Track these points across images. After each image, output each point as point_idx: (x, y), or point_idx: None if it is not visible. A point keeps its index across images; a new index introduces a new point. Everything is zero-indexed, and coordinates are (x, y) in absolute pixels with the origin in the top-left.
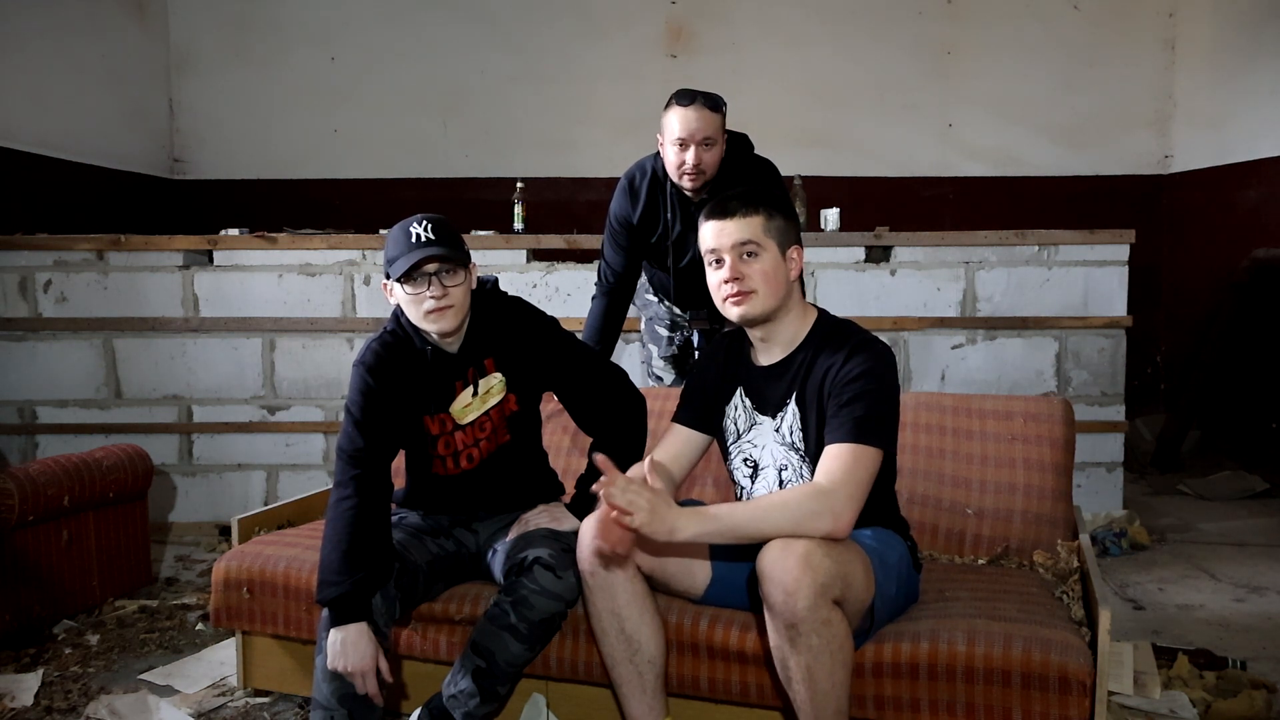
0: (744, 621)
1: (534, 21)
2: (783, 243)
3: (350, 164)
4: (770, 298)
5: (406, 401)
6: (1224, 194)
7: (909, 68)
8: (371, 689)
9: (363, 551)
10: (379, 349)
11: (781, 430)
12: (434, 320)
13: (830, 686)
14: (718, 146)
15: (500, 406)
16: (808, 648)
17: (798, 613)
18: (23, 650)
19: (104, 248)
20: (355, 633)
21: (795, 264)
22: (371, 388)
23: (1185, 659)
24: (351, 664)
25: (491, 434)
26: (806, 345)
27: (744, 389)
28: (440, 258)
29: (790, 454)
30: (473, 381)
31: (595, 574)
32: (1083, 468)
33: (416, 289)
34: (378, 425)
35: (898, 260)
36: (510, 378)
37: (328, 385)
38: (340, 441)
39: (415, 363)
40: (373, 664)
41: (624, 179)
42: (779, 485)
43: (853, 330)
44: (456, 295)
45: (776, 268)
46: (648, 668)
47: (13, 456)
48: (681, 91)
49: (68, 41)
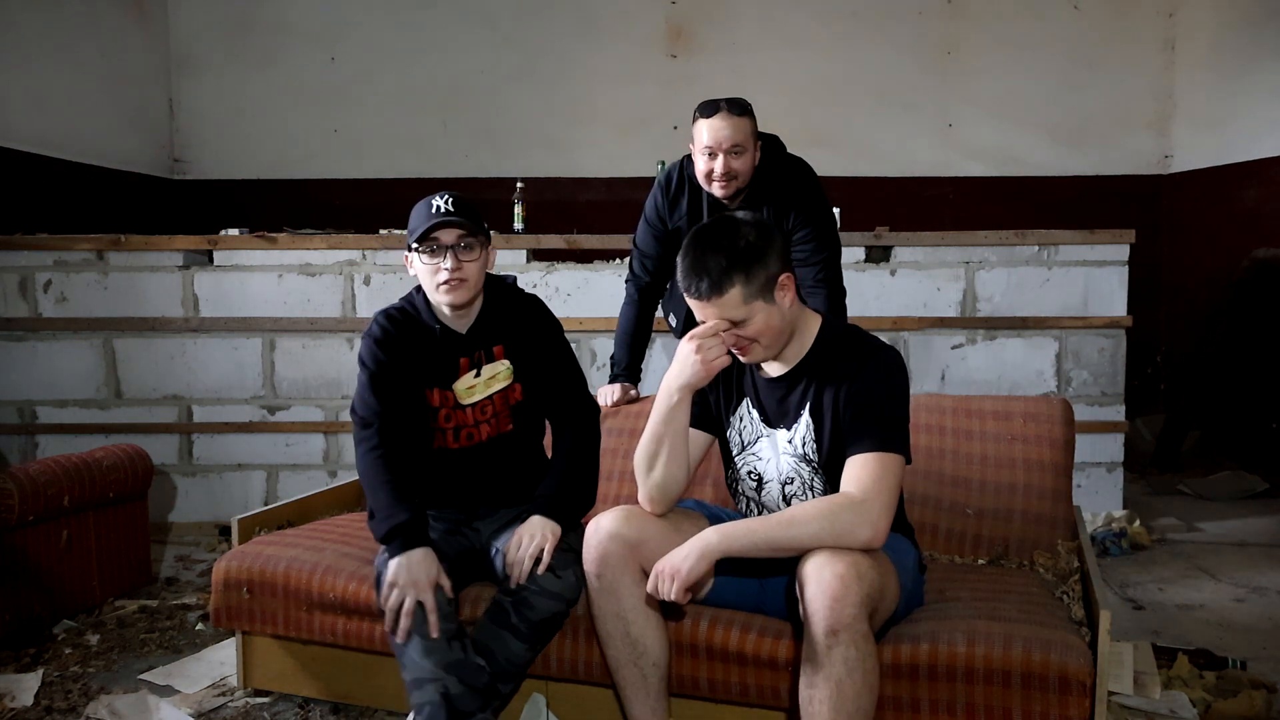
0: (745, 622)
1: (534, 21)
2: (767, 291)
3: (350, 164)
4: (773, 346)
5: (411, 373)
6: (1224, 194)
7: (909, 68)
8: (430, 603)
9: (407, 485)
10: (385, 323)
11: (794, 442)
12: (446, 292)
13: (855, 709)
14: (748, 153)
15: (505, 393)
16: (843, 659)
17: (842, 619)
18: (23, 650)
19: (104, 248)
20: (420, 554)
21: (787, 293)
22: (379, 357)
23: (1185, 659)
24: (416, 577)
25: (494, 419)
26: (814, 354)
27: (751, 400)
28: (458, 226)
29: (800, 465)
30: (478, 364)
31: (601, 577)
32: (1083, 468)
33: (433, 259)
34: (389, 388)
35: (898, 260)
36: (519, 367)
37: (328, 385)
38: (355, 405)
39: (422, 337)
40: (434, 580)
41: (660, 178)
42: (783, 498)
43: (860, 338)
44: (471, 270)
45: (769, 320)
46: (652, 670)
47: (13, 456)
48: (706, 102)
49: (68, 41)
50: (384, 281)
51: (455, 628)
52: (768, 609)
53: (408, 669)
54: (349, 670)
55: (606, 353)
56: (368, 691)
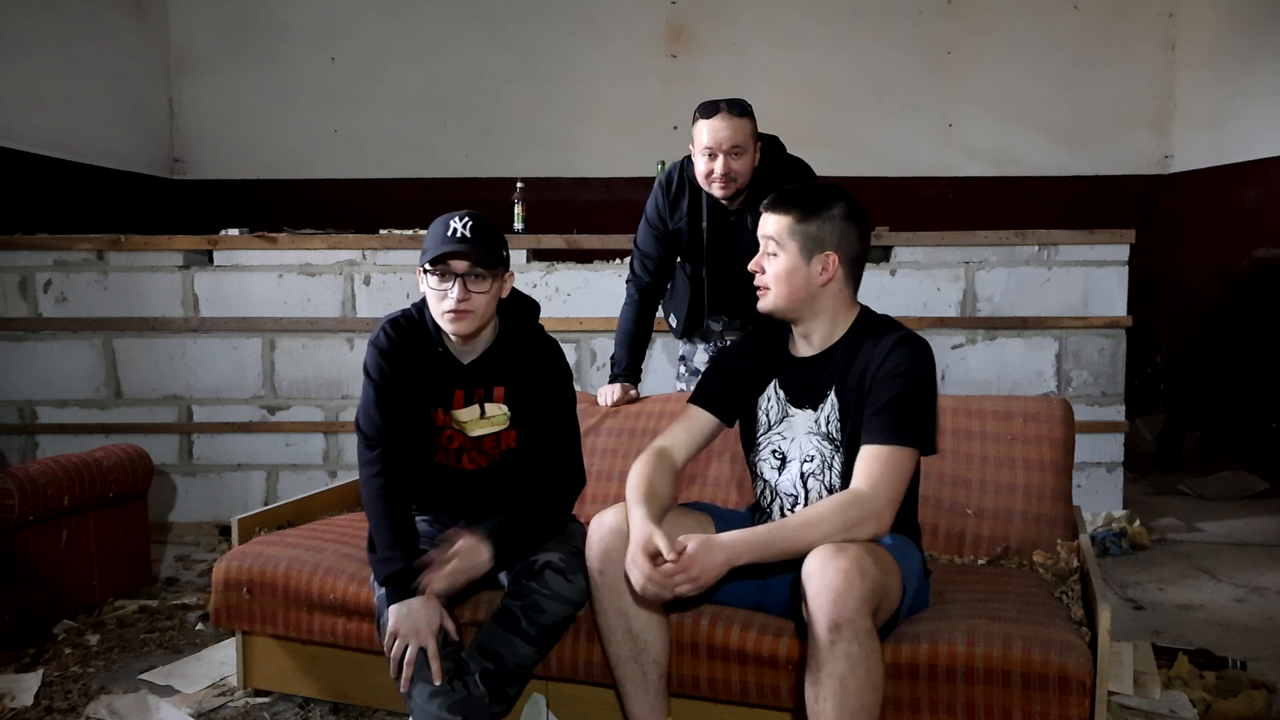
0: (744, 621)
1: (534, 21)
2: (808, 247)
3: (350, 164)
4: (779, 298)
5: (415, 387)
6: (1224, 194)
7: (909, 68)
8: (432, 650)
9: (407, 522)
10: (391, 332)
11: (819, 421)
12: (451, 321)
13: (859, 705)
14: (748, 154)
15: (498, 438)
16: (845, 654)
17: (845, 614)
18: (23, 650)
19: (104, 248)
20: (419, 601)
21: (825, 272)
22: (384, 369)
23: (1185, 659)
24: (417, 625)
25: (487, 453)
26: (848, 339)
27: (779, 381)
28: (472, 258)
29: (823, 444)
30: (479, 401)
31: (604, 573)
32: (1083, 468)
33: (441, 285)
34: (394, 403)
35: (898, 260)
36: (516, 414)
37: (328, 385)
38: (359, 419)
39: (427, 351)
40: (435, 627)
41: (660, 179)
42: (800, 478)
43: (893, 325)
44: (479, 302)
45: (793, 271)
46: (652, 667)
47: (13, 456)
48: (706, 103)
49: (68, 41)
50: (384, 281)
51: (454, 665)
52: (769, 607)
53: (415, 714)
54: (349, 670)
55: (606, 353)
56: (368, 691)
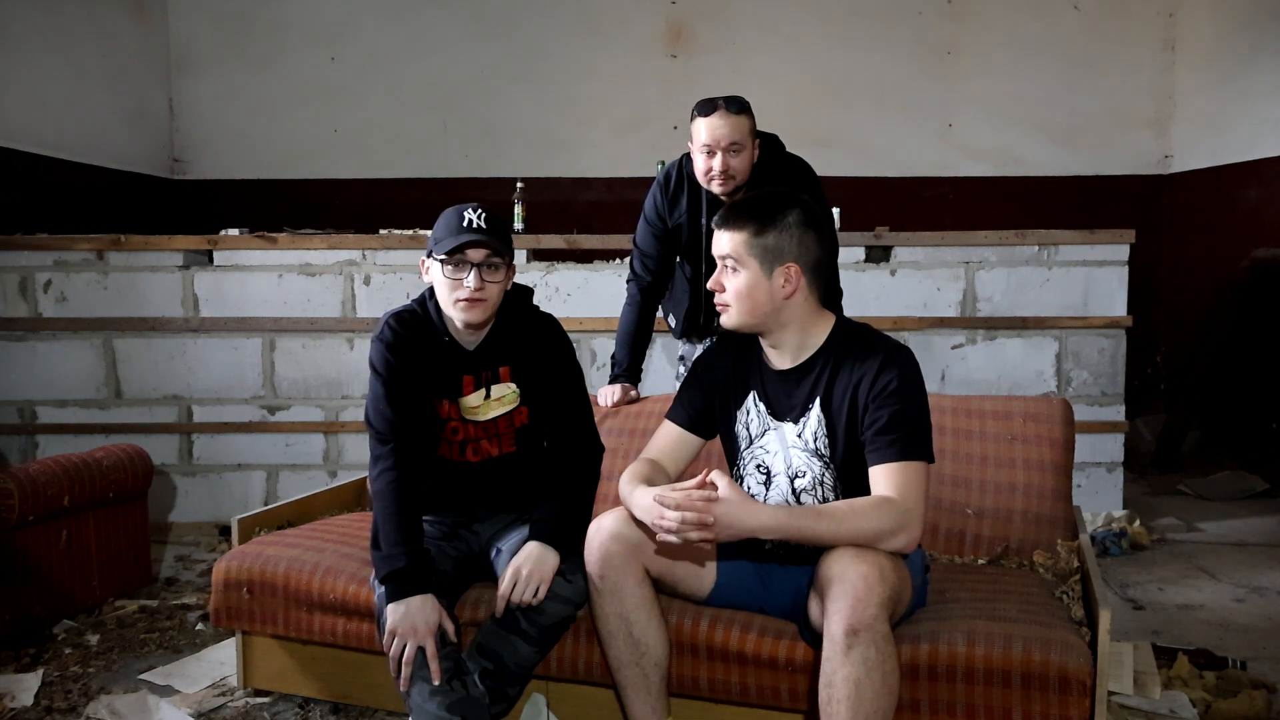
0: (745, 622)
1: (534, 21)
2: (768, 261)
3: (350, 164)
4: (742, 315)
5: (422, 379)
6: (1224, 194)
7: (909, 68)
8: (430, 649)
9: (414, 520)
10: (396, 325)
11: (804, 436)
12: (464, 310)
13: (874, 710)
14: (746, 152)
15: (510, 416)
16: (862, 659)
17: (864, 619)
18: (23, 650)
19: (104, 248)
20: (419, 600)
21: (787, 284)
22: (391, 363)
23: (1185, 659)
24: (416, 624)
25: (498, 438)
26: (826, 350)
27: (758, 393)
28: (489, 247)
29: (812, 460)
30: (485, 384)
31: (604, 578)
32: (1083, 468)
33: (457, 273)
34: (403, 396)
35: (898, 260)
36: (525, 390)
37: (328, 385)
38: (369, 414)
39: (432, 343)
40: (434, 627)
41: (659, 177)
42: (792, 492)
43: (876, 337)
44: (492, 291)
45: (754, 287)
46: (653, 670)
47: (13, 456)
48: (704, 100)
49: (68, 41)
50: (384, 281)
51: (453, 665)
52: (769, 609)
53: (414, 713)
54: (349, 670)
55: (606, 353)
56: (368, 691)
